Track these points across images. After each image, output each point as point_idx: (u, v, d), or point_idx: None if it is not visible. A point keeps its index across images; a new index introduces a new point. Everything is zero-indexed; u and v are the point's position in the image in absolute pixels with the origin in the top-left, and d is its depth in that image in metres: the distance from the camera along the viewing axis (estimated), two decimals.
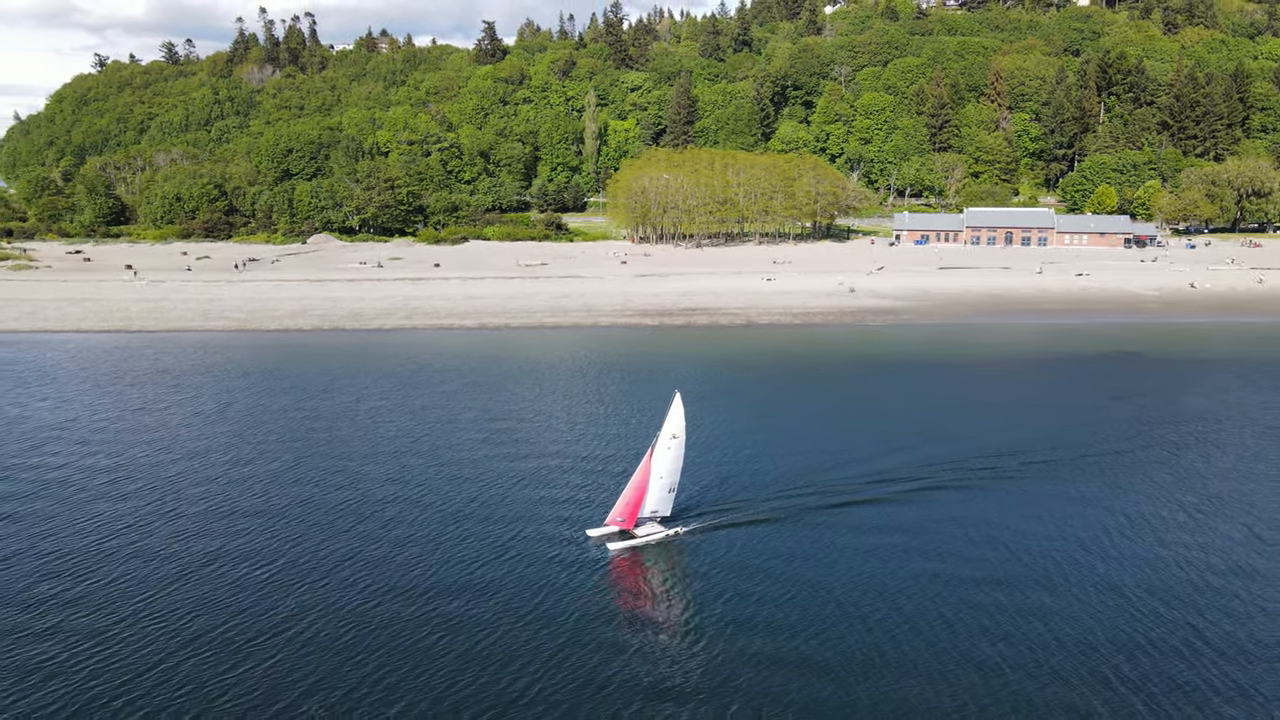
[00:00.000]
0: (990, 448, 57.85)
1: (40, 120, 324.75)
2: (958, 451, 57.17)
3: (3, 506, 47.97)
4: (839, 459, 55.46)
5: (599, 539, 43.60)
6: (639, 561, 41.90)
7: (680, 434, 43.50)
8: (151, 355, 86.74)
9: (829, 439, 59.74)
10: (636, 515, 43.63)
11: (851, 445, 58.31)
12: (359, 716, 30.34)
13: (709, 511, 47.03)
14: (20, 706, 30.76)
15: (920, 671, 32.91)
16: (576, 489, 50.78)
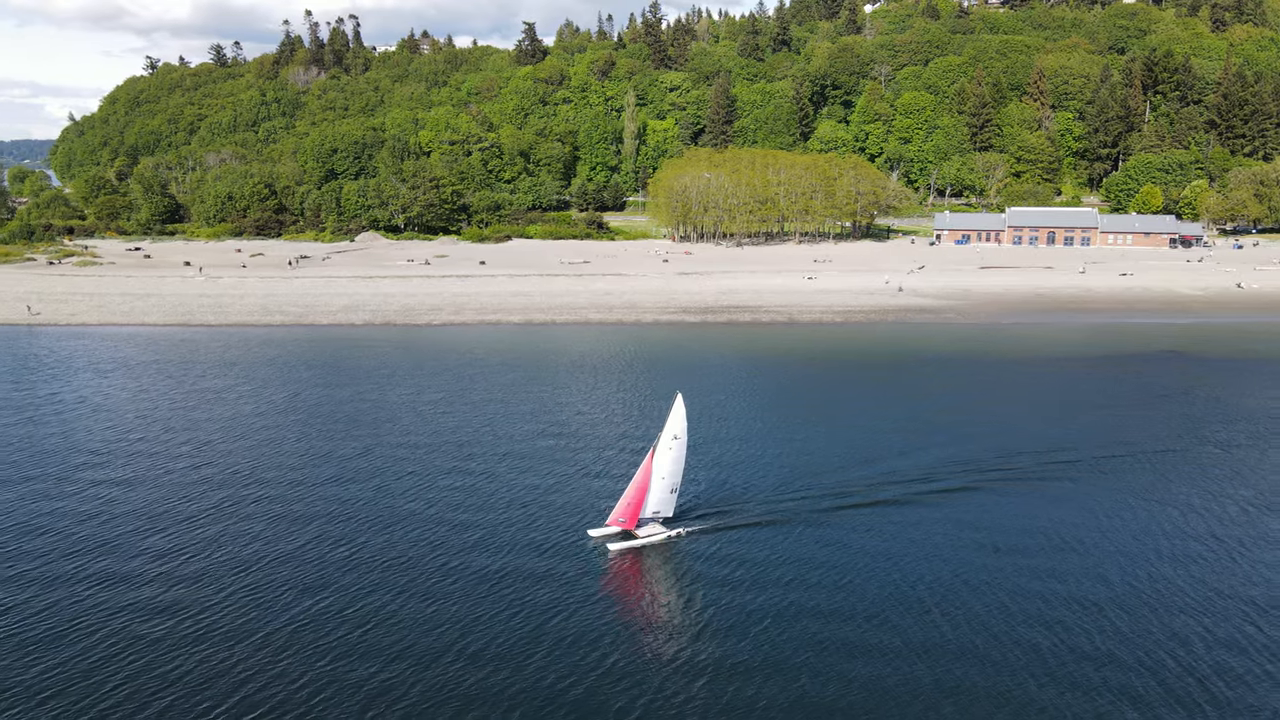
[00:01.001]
0: (1037, 445, 58.78)
1: (94, 121, 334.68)
2: (1003, 449, 58.17)
3: (103, 490, 51.02)
4: (878, 457, 56.40)
5: (600, 539, 43.52)
6: (638, 562, 41.88)
7: (682, 434, 43.40)
8: (218, 348, 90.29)
9: (865, 437, 60.47)
10: (638, 516, 43.53)
11: (892, 443, 59.27)
12: (358, 714, 30.46)
13: (715, 512, 46.88)
14: (143, 669, 33.38)
15: (942, 677, 32.58)
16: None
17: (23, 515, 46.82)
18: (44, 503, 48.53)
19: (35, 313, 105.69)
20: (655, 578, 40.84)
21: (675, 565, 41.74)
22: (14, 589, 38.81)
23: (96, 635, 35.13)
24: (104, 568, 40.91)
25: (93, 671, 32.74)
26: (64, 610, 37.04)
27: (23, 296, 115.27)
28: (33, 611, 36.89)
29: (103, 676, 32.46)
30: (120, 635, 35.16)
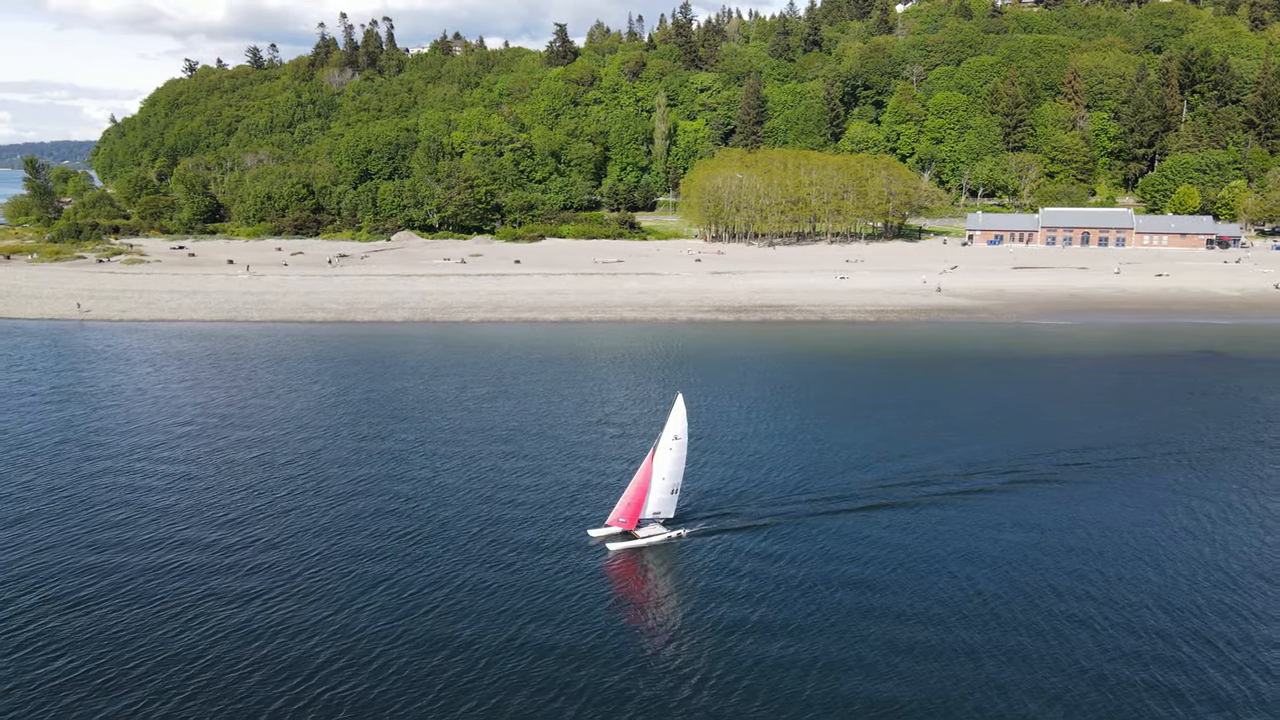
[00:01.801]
0: (1072, 443, 59.37)
1: (135, 123, 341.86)
2: (1038, 447, 58.84)
3: (172, 476, 53.28)
4: (911, 453, 57.17)
5: (600, 539, 43.64)
6: (638, 562, 42.02)
7: (683, 435, 43.26)
8: (267, 343, 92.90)
9: (895, 436, 60.83)
10: (638, 516, 43.54)
11: (921, 442, 59.85)
12: (357, 714, 30.61)
13: (720, 514, 46.88)
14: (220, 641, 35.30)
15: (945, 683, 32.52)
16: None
17: (101, 501, 49.09)
18: (119, 489, 50.80)
19: (85, 310, 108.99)
20: (653, 578, 40.79)
21: (674, 566, 41.64)
22: (109, 565, 40.97)
23: (185, 609, 37.14)
24: (185, 549, 43.01)
25: (189, 644, 34.73)
26: (153, 588, 39.15)
27: (74, 293, 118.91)
28: (129, 581, 39.04)
29: (199, 647, 34.43)
30: (204, 610, 37.17)
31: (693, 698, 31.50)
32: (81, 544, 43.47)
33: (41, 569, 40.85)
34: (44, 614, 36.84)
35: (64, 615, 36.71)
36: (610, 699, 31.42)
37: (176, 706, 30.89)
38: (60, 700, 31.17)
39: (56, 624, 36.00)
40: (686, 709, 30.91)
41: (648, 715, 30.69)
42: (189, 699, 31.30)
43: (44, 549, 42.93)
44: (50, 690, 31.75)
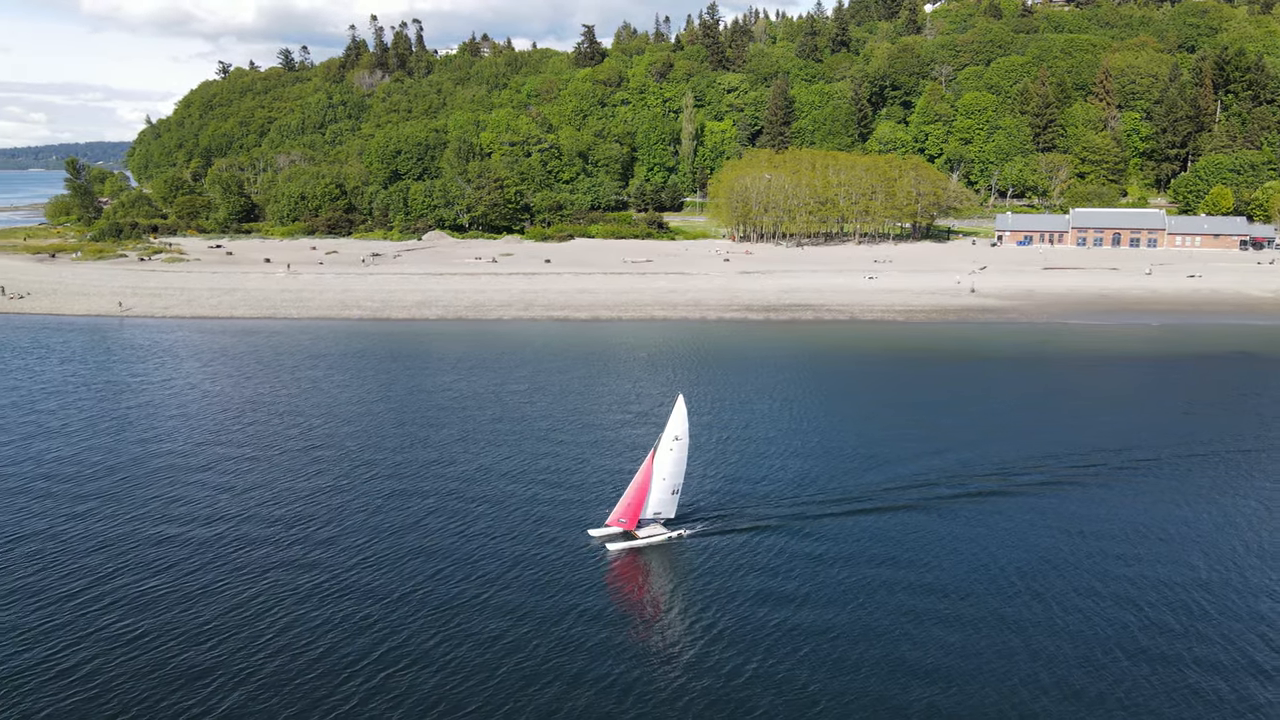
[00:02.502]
0: (1109, 443, 59.80)
1: (170, 124, 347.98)
2: (1071, 446, 59.32)
3: (229, 466, 55.24)
4: (944, 450, 58.01)
5: (600, 539, 43.78)
6: (635, 562, 42.23)
7: (683, 436, 43.25)
8: (307, 340, 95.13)
9: (916, 436, 61.38)
10: (638, 516, 43.63)
11: (946, 442, 60.66)
12: (356, 713, 30.87)
13: (729, 514, 47.01)
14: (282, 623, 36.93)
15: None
16: (724, 472, 55.11)
17: (164, 488, 51.08)
18: (180, 478, 52.80)
19: (126, 308, 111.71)
20: (652, 578, 40.95)
21: (673, 566, 41.83)
22: (173, 549, 42.85)
23: (251, 589, 38.89)
24: (243, 534, 44.81)
25: (252, 619, 36.44)
26: (219, 569, 40.95)
27: (118, 291, 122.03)
28: (194, 565, 40.84)
29: (261, 624, 36.11)
30: (268, 588, 38.88)
31: (688, 697, 31.57)
32: (151, 527, 45.41)
33: (116, 550, 42.76)
34: (123, 587, 38.70)
35: (142, 587, 38.63)
36: (605, 696, 31.54)
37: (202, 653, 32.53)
38: (139, 663, 32.96)
39: (135, 595, 37.85)
40: (684, 708, 31.02)
41: (644, 714, 30.73)
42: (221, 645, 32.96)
43: (115, 533, 44.89)
44: (129, 663, 33.52)
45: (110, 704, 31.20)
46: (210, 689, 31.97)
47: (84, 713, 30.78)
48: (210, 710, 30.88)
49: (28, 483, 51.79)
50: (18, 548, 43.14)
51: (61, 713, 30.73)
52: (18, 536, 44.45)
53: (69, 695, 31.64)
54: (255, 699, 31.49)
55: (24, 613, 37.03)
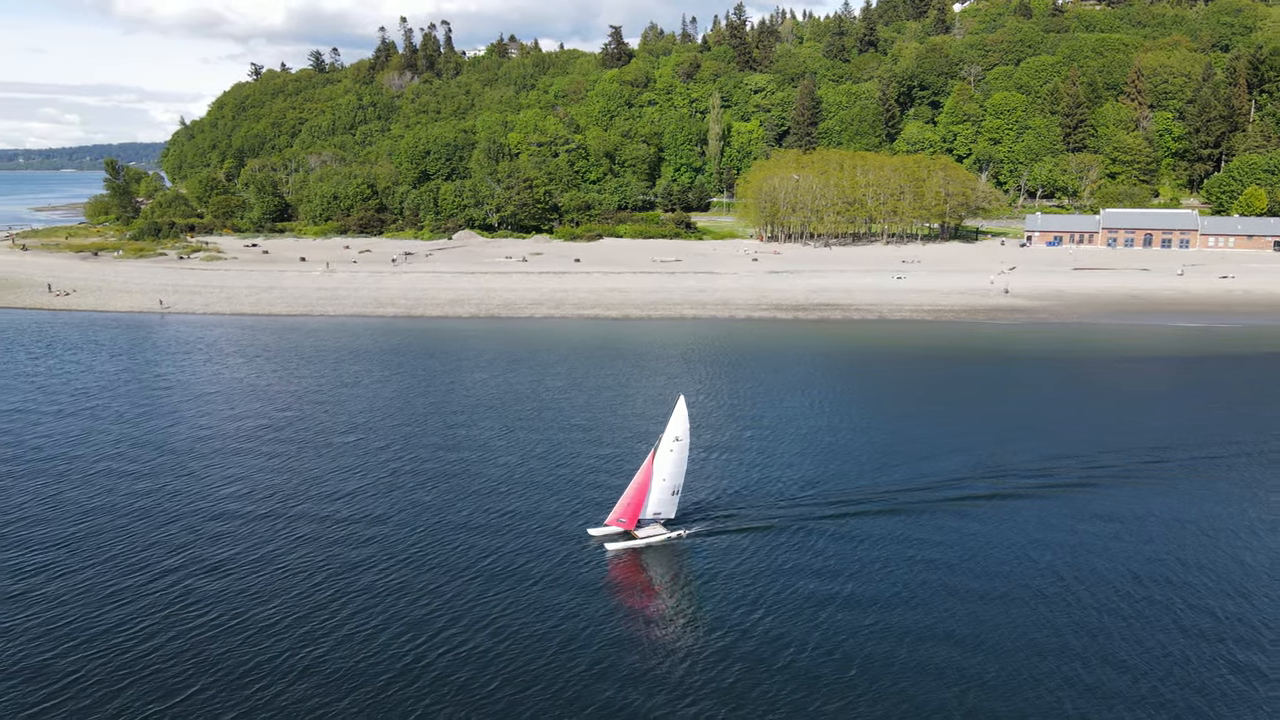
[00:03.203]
0: (1144, 442, 60.15)
1: (203, 125, 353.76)
2: (1102, 445, 59.73)
3: (282, 458, 57.09)
4: (967, 449, 58.65)
5: (600, 539, 43.91)
6: (634, 562, 42.29)
7: (684, 437, 43.32)
8: (347, 337, 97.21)
9: (932, 435, 61.86)
10: (638, 516, 43.80)
11: (971, 442, 61.31)
12: (354, 712, 31.03)
13: (729, 514, 47.00)
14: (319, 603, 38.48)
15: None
16: (770, 466, 56.15)
17: (218, 479, 52.97)
18: (233, 469, 54.68)
19: (167, 305, 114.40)
20: (651, 579, 41.03)
21: (672, 567, 41.97)
22: (233, 539, 44.66)
23: (319, 576, 40.53)
24: (304, 523, 46.53)
25: (321, 605, 38.06)
26: (284, 557, 42.68)
27: (160, 288, 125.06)
28: (254, 552, 42.61)
29: (329, 609, 37.70)
30: (334, 576, 40.52)
31: (684, 695, 31.72)
32: (209, 514, 47.26)
33: (185, 527, 44.61)
34: (184, 574, 40.52)
35: (204, 576, 40.41)
36: (599, 696, 31.71)
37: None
38: (207, 647, 34.61)
39: (197, 583, 39.65)
40: (680, 706, 31.18)
41: (641, 713, 30.91)
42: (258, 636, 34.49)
43: (183, 512, 46.80)
44: (195, 640, 35.22)
45: (190, 660, 33.50)
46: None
47: (168, 663, 33.25)
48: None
49: (97, 468, 53.86)
50: (99, 520, 45.16)
51: (147, 666, 33.18)
52: (96, 512, 46.48)
53: (154, 649, 34.12)
54: (249, 697, 31.70)
55: (112, 577, 39.78)
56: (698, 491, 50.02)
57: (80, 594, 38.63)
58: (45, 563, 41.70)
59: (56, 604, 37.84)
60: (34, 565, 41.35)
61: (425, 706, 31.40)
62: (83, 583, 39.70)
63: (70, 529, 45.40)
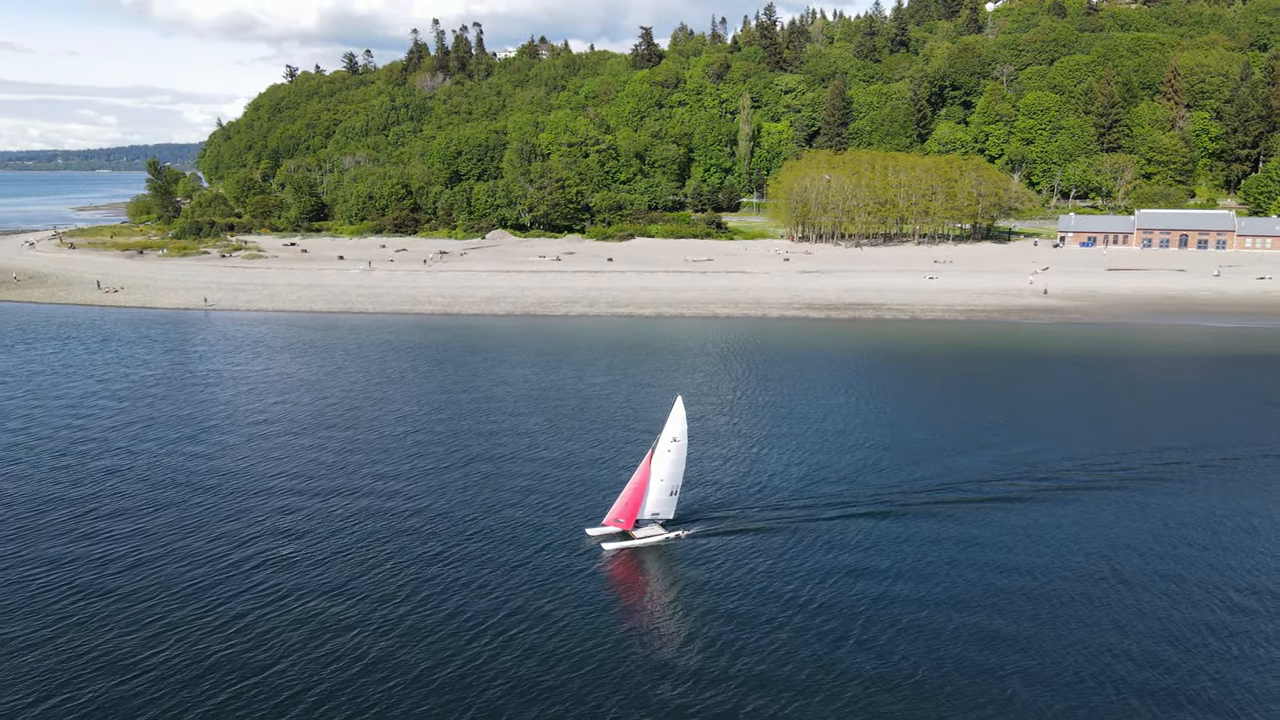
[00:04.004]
0: (1181, 441, 60.51)
1: (239, 126, 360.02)
2: (1138, 445, 60.14)
3: (338, 449, 59.10)
4: (991, 446, 59.34)
5: (597, 538, 43.99)
6: (631, 562, 42.40)
7: (681, 437, 43.31)
8: (390, 333, 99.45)
9: (963, 434, 62.68)
10: (635, 516, 43.90)
11: (998, 440, 62.00)
12: (346, 706, 31.10)
13: (733, 514, 47.02)
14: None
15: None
16: (804, 464, 57.28)
17: (276, 469, 55.05)
18: (291, 460, 56.77)
19: (211, 302, 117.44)
20: (647, 579, 41.11)
21: (670, 567, 42.01)
22: (294, 521, 46.65)
23: (381, 565, 42.30)
24: (363, 511, 48.36)
25: (388, 593, 39.77)
26: (339, 545, 44.50)
27: (204, 285, 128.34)
28: (316, 539, 44.49)
29: (398, 597, 39.43)
30: (395, 560, 42.30)
31: (671, 697, 31.65)
32: (281, 502, 49.33)
33: (250, 518, 46.63)
34: (256, 551, 42.47)
35: (277, 547, 42.40)
36: (594, 696, 31.67)
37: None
38: (260, 618, 36.47)
39: (276, 553, 41.57)
40: (677, 704, 31.20)
41: (636, 709, 30.92)
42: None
43: (245, 505, 48.87)
44: (247, 616, 37.08)
45: (265, 650, 34.69)
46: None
47: (242, 659, 34.17)
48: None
49: (162, 456, 56.15)
50: (161, 516, 47.28)
51: (221, 659, 34.18)
52: (161, 507, 48.63)
53: (229, 643, 35.19)
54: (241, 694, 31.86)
55: (182, 570, 41.15)
56: (720, 491, 50.86)
57: (160, 582, 40.22)
58: (123, 554, 43.55)
59: (140, 597, 38.64)
60: (117, 555, 42.76)
61: (417, 705, 31.16)
62: (164, 570, 41.63)
63: (143, 520, 47.31)
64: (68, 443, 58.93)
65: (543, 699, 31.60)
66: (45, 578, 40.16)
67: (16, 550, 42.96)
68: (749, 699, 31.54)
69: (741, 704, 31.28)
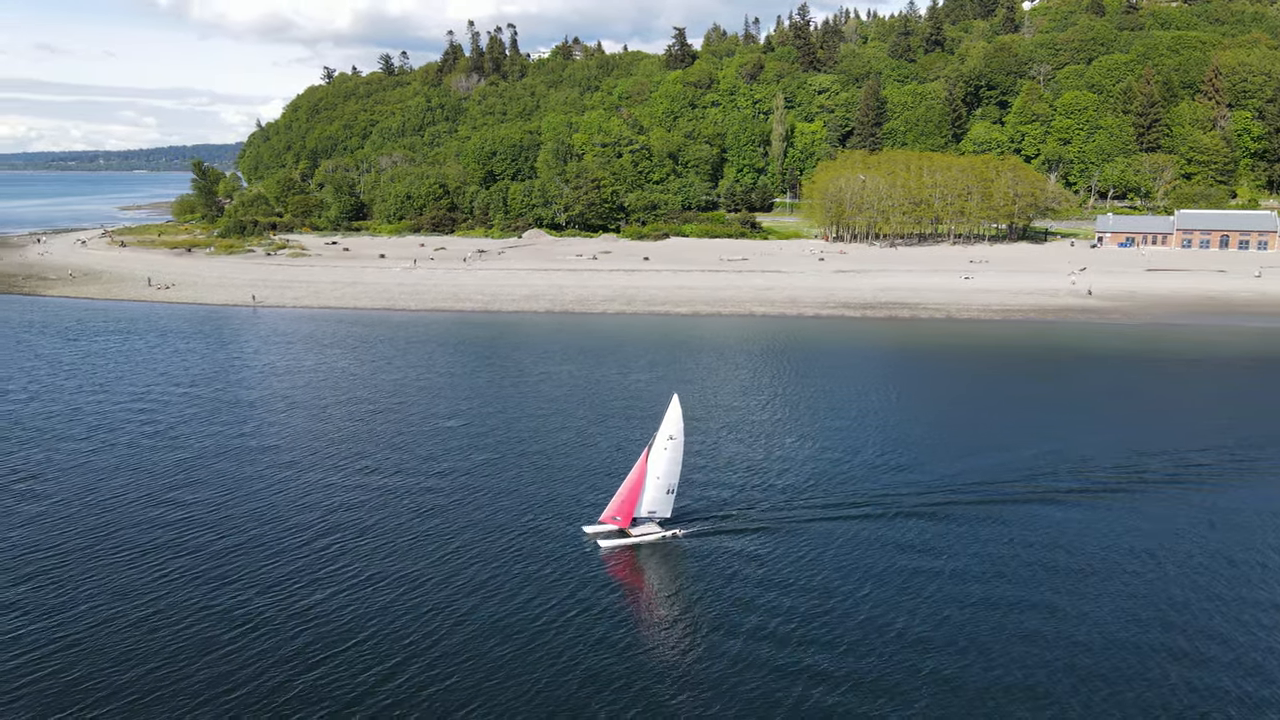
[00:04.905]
0: (1221, 441, 60.89)
1: (278, 127, 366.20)
2: (1177, 444, 60.58)
3: (400, 440, 61.31)
4: (1017, 445, 60.00)
5: (594, 535, 44.09)
6: (629, 561, 42.45)
7: (678, 435, 43.30)
8: (436, 330, 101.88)
9: (988, 433, 63.12)
10: (632, 514, 44.06)
11: (1025, 439, 62.63)
12: (348, 707, 30.99)
13: (736, 514, 47.01)
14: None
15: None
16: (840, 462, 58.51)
17: (337, 458, 57.32)
18: (350, 448, 59.03)
19: (259, 299, 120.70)
20: (643, 577, 41.18)
21: (668, 566, 42.13)
22: (355, 508, 48.80)
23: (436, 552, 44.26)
24: (415, 500, 50.41)
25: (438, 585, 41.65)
26: (395, 534, 46.49)
27: (251, 283, 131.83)
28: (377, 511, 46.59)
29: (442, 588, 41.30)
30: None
31: (675, 694, 31.68)
32: (339, 490, 51.55)
33: (312, 503, 48.87)
34: (326, 537, 44.62)
35: (348, 536, 44.52)
36: (589, 696, 31.59)
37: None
38: (312, 602, 38.44)
39: (338, 536, 43.69)
40: (670, 706, 31.13)
41: (632, 710, 30.93)
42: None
43: (306, 486, 51.16)
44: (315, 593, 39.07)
45: (311, 627, 36.30)
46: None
47: (277, 642, 35.22)
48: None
49: (232, 446, 58.69)
50: (239, 494, 49.73)
51: (260, 638, 35.85)
52: (236, 491, 51.08)
53: (289, 627, 37.05)
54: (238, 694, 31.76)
55: (263, 542, 43.16)
56: (743, 489, 51.42)
57: (240, 568, 42.37)
58: (203, 543, 45.94)
59: (222, 581, 39.85)
60: (192, 545, 44.59)
61: (412, 703, 31.20)
62: (244, 558, 43.88)
63: (212, 512, 49.49)
64: (139, 434, 61.56)
65: (536, 695, 31.55)
66: (131, 565, 42.39)
67: (103, 542, 45.46)
68: (748, 697, 31.54)
69: (741, 702, 31.22)
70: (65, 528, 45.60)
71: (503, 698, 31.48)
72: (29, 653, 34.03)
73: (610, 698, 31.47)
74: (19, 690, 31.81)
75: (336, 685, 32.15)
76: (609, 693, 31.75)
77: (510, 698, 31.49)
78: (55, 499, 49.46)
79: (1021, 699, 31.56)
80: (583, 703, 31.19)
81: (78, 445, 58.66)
